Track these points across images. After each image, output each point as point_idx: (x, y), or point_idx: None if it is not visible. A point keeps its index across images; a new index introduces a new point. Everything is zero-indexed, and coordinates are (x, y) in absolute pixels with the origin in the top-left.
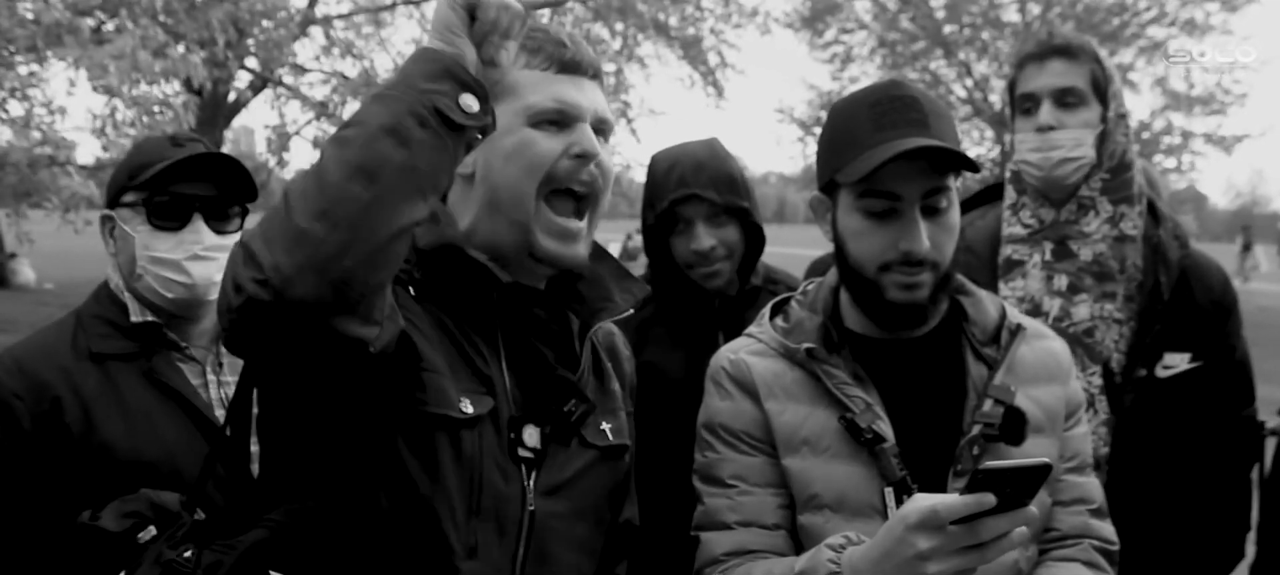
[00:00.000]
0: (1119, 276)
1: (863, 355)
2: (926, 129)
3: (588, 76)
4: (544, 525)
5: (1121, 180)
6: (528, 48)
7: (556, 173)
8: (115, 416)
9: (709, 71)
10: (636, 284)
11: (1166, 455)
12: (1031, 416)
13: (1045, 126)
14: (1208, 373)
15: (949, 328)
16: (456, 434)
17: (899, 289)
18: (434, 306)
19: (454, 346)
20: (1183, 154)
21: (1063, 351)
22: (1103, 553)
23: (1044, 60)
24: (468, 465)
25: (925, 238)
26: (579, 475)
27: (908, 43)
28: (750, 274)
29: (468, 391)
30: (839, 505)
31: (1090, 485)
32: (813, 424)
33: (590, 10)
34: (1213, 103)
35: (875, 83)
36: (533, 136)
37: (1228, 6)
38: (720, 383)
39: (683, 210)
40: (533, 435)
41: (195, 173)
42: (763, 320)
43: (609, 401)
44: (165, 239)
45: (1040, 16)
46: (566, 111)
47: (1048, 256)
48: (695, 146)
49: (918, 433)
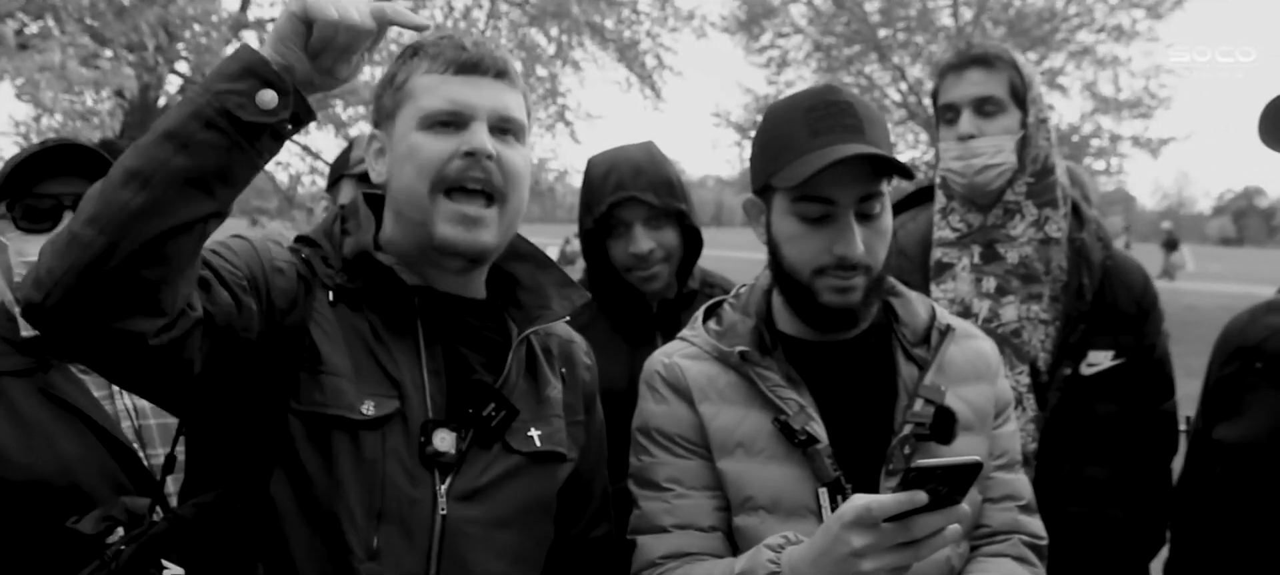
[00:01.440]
0: (1044, 278)
1: (795, 357)
2: (861, 134)
3: (488, 76)
4: (458, 530)
5: (1045, 184)
6: (429, 54)
7: (447, 173)
8: (8, 433)
9: (646, 74)
10: (577, 292)
11: (1091, 449)
12: (961, 415)
13: (966, 135)
14: (1129, 370)
15: (880, 329)
16: (356, 435)
17: (833, 293)
18: (354, 310)
19: (366, 350)
20: (1111, 157)
21: (991, 351)
22: (1032, 547)
23: (963, 70)
24: (369, 467)
25: (860, 242)
26: (499, 481)
27: (842, 47)
28: (687, 277)
29: (372, 394)
30: (774, 507)
31: (1019, 482)
32: (747, 426)
33: (526, 15)
34: (1139, 106)
35: (811, 87)
36: (423, 139)
37: (1153, 14)
38: (654, 387)
39: (621, 213)
40: (445, 439)
41: (62, 169)
42: (696, 323)
43: (543, 408)
44: (37, 242)
45: (973, 21)
46: (459, 112)
47: (976, 259)
48: (632, 150)
49: (851, 433)
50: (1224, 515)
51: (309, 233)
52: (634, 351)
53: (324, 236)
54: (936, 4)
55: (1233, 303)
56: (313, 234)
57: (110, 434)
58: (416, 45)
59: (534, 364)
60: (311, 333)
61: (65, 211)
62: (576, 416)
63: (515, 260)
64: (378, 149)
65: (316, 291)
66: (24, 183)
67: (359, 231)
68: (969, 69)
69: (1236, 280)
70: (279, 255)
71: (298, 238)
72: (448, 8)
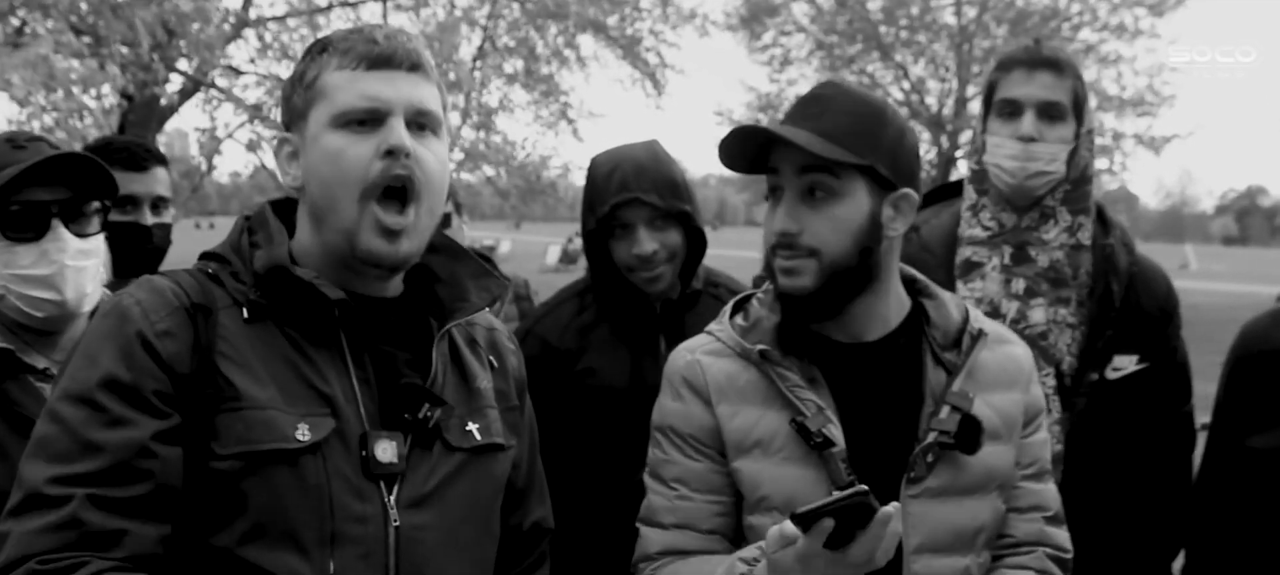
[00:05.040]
0: (1073, 282)
1: (820, 357)
2: (816, 121)
3: (402, 69)
4: (413, 539)
5: (1081, 192)
6: (339, 49)
7: (373, 178)
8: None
9: (649, 70)
10: (495, 282)
11: (1115, 451)
12: (988, 423)
13: (1028, 137)
14: (1152, 374)
15: (910, 331)
16: (296, 463)
17: (781, 274)
18: (272, 327)
19: (290, 370)
20: (1114, 155)
21: (1025, 357)
22: (1056, 561)
23: (1033, 70)
24: (315, 492)
25: (791, 219)
26: (447, 482)
27: (844, 45)
28: (691, 277)
29: (305, 415)
30: (788, 508)
31: (1047, 492)
32: (765, 426)
33: (525, 14)
34: (1142, 104)
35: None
36: (340, 141)
37: (1155, 12)
38: (674, 384)
39: (624, 214)
40: (387, 449)
41: (46, 176)
42: (724, 317)
43: (475, 400)
44: (26, 252)
45: (976, 19)
46: (375, 108)
47: (1006, 260)
48: (636, 149)
49: (874, 438)
50: (1261, 523)
51: (215, 248)
52: (636, 352)
53: (232, 251)
54: (939, 2)
55: (1236, 302)
56: (219, 249)
57: None
58: (325, 41)
59: (459, 358)
60: (221, 369)
61: (53, 220)
62: (510, 403)
63: (430, 253)
64: (290, 152)
65: (219, 316)
66: (6, 189)
67: (270, 245)
68: (1040, 70)
69: (1240, 279)
70: (162, 310)
71: (203, 254)
72: (449, 6)
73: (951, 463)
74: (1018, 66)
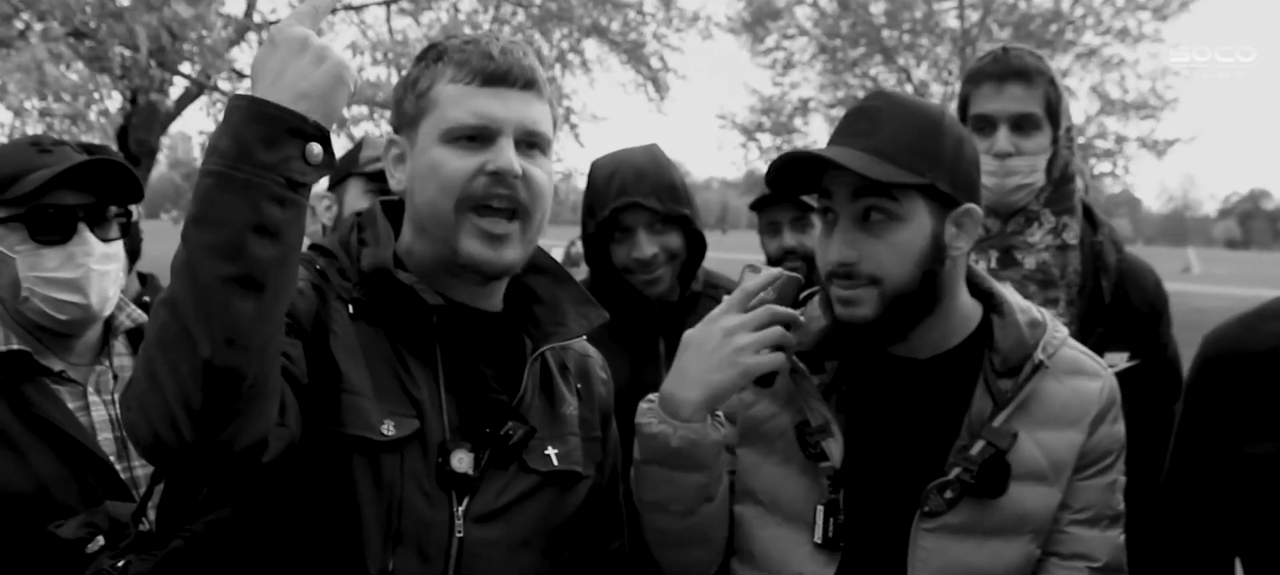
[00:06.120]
0: (1061, 282)
1: (860, 368)
2: (869, 139)
3: (515, 88)
4: (475, 553)
5: (1064, 192)
6: (454, 60)
7: (472, 192)
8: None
9: (653, 73)
10: (595, 311)
11: None
12: (1030, 464)
13: (1003, 153)
14: (1144, 371)
15: (969, 352)
16: (376, 457)
17: (838, 303)
18: (373, 325)
19: (386, 367)
20: (1117, 158)
21: (1097, 393)
22: None
23: (1003, 82)
24: (387, 489)
25: (849, 247)
26: (518, 502)
27: (847, 48)
28: (691, 280)
29: (392, 413)
30: (773, 506)
31: (1099, 541)
32: (776, 423)
33: (531, 18)
34: (1145, 108)
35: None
36: (445, 155)
37: (1159, 16)
38: None
39: (624, 218)
40: (463, 460)
41: (71, 180)
42: None
43: (559, 426)
44: (52, 255)
45: (979, 23)
46: (485, 127)
47: (993, 265)
48: (636, 153)
49: (890, 462)
50: (1261, 530)
51: (324, 242)
52: (636, 354)
53: (340, 247)
54: (942, 6)
55: (1239, 305)
56: (328, 243)
57: (87, 448)
58: (440, 49)
59: (549, 381)
60: (332, 349)
61: (79, 224)
62: (593, 432)
63: (534, 274)
64: (397, 155)
65: (333, 305)
66: (34, 191)
67: (377, 245)
68: (1010, 82)
69: (1243, 283)
70: (301, 270)
71: (312, 246)
72: (453, 10)
73: (978, 501)
74: (987, 81)
